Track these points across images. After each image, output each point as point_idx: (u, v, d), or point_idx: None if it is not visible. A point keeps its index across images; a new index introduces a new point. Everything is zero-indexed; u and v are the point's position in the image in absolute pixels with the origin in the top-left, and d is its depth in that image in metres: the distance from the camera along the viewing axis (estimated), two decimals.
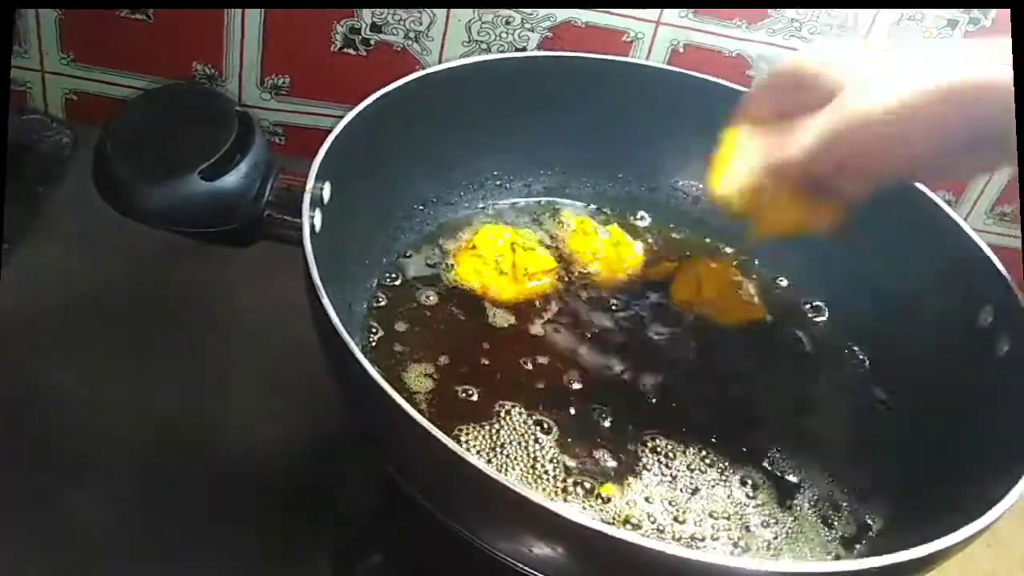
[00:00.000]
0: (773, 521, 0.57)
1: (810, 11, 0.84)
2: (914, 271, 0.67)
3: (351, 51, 0.83)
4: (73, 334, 0.68)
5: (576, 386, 0.62)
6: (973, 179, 0.94)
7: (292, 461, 0.64)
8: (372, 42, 0.83)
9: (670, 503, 0.57)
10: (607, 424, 0.60)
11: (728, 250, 0.76)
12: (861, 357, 0.69)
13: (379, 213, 0.67)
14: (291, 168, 0.56)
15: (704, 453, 0.60)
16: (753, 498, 0.58)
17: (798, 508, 0.58)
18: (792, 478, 0.60)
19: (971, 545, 0.46)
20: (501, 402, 0.60)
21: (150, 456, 0.61)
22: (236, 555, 0.58)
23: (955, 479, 0.57)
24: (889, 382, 0.67)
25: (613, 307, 0.69)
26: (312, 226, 0.52)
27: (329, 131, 0.57)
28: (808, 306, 0.73)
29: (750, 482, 0.59)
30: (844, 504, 0.59)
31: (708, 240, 0.77)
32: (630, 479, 0.57)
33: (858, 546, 0.57)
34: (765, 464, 0.60)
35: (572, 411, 0.60)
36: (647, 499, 0.56)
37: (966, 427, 0.59)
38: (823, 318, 0.72)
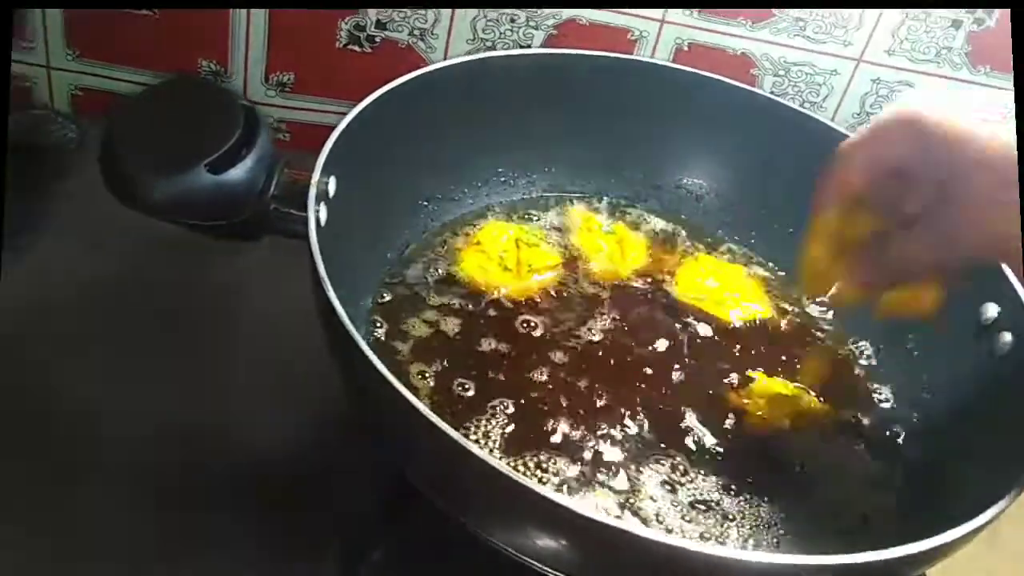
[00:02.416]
0: (780, 514, 0.57)
1: (815, 10, 0.84)
2: None
3: (356, 48, 0.83)
4: (79, 330, 0.67)
5: (580, 383, 0.62)
6: None
7: (296, 459, 0.64)
8: (377, 39, 0.83)
9: (672, 504, 0.57)
10: (612, 424, 0.60)
11: (732, 246, 0.77)
12: (867, 354, 0.69)
13: (384, 209, 0.67)
14: (296, 164, 0.56)
15: (705, 452, 0.60)
16: (761, 495, 0.58)
17: (799, 502, 0.58)
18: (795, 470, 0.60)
19: (972, 543, 0.46)
20: (502, 399, 0.60)
21: (154, 455, 0.61)
22: (239, 554, 0.58)
23: (956, 476, 0.57)
24: (891, 378, 0.67)
25: (617, 303, 0.69)
26: (318, 220, 0.52)
27: (334, 128, 0.57)
28: (813, 302, 0.73)
29: (752, 477, 0.59)
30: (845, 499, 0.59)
31: (712, 236, 0.77)
32: (623, 475, 0.57)
33: (857, 541, 0.57)
34: (768, 457, 0.60)
35: (574, 409, 0.60)
36: (652, 498, 0.56)
37: (967, 424, 0.59)
38: (828, 314, 0.72)
